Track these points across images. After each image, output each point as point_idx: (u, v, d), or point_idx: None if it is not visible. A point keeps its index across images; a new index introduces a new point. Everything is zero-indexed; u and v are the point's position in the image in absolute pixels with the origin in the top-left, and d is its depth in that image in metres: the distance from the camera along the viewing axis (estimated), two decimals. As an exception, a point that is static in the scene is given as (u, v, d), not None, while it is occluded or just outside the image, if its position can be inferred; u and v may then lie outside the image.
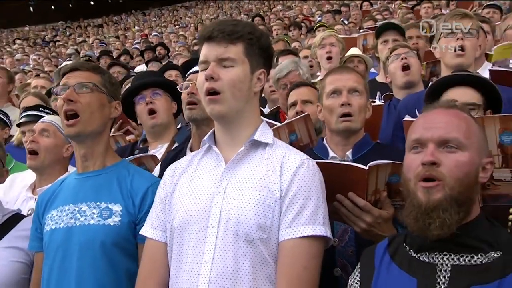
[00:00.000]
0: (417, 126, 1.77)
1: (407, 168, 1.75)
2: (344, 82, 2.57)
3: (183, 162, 2.21)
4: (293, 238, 1.88)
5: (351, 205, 2.14)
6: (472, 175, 1.68)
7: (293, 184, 1.94)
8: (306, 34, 11.74)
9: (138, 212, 2.30)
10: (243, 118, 2.06)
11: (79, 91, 2.34)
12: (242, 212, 1.90)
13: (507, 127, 1.85)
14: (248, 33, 2.01)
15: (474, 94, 2.62)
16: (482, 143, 1.76)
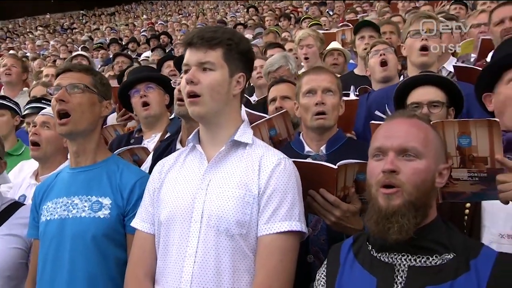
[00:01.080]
0: (379, 134, 1.71)
1: (370, 174, 1.69)
2: (319, 83, 2.51)
3: (170, 159, 2.15)
4: (271, 234, 1.84)
5: (322, 200, 2.08)
6: (429, 182, 1.62)
7: (270, 182, 1.89)
8: (294, 24, 11.58)
9: (126, 204, 2.24)
10: (223, 119, 2.00)
11: (71, 92, 2.26)
12: (223, 209, 1.86)
13: (465, 131, 1.78)
14: (227, 39, 1.95)
15: (438, 92, 2.57)
16: (439, 150, 1.70)
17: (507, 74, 2.09)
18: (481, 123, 1.75)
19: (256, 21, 13.37)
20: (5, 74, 5.34)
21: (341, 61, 5.16)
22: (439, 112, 2.53)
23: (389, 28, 4.98)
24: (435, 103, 2.52)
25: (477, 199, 1.93)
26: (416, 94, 2.59)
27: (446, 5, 8.34)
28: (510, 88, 2.07)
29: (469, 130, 1.77)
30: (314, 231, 2.33)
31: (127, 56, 6.74)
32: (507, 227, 1.93)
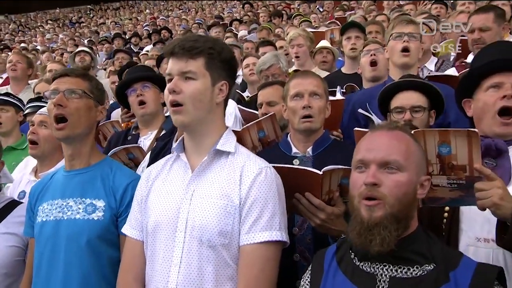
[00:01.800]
0: (361, 147, 1.62)
1: (352, 186, 1.61)
2: (306, 86, 2.42)
3: (157, 166, 2.04)
4: (252, 244, 1.76)
5: (307, 203, 2.00)
6: (411, 194, 1.55)
7: (251, 192, 1.79)
8: (287, 20, 11.43)
9: (119, 206, 2.16)
10: (206, 127, 1.89)
11: (69, 96, 2.17)
12: (205, 220, 1.77)
13: (445, 140, 1.72)
14: (209, 48, 1.84)
15: (420, 97, 2.53)
16: (421, 162, 1.62)
17: (486, 82, 2.01)
18: (461, 133, 1.69)
19: (251, 17, 13.22)
20: (11, 69, 5.26)
21: (330, 58, 5.08)
22: (421, 117, 2.48)
23: (375, 28, 4.90)
24: (417, 108, 2.49)
25: (455, 204, 1.88)
26: (399, 99, 2.54)
27: (428, 4, 8.25)
28: (488, 95, 2.00)
29: (449, 139, 1.71)
30: (300, 231, 2.26)
31: (126, 52, 6.61)
32: (484, 231, 1.87)
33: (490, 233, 1.81)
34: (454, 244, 1.90)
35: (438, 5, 6.75)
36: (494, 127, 1.96)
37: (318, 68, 4.94)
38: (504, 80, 1.96)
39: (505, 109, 1.94)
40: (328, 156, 2.33)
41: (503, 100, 1.94)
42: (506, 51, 2.11)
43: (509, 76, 1.96)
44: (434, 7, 6.74)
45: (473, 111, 2.09)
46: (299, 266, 2.20)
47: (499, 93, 1.96)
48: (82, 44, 13.41)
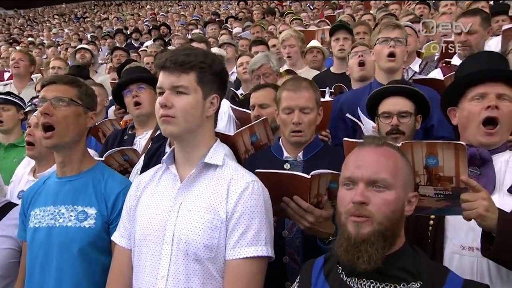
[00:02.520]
0: (349, 163, 1.52)
1: (340, 202, 1.49)
2: (297, 102, 2.28)
3: (147, 176, 1.91)
4: (237, 259, 1.65)
5: (296, 206, 1.90)
6: (399, 211, 1.45)
7: (237, 207, 1.68)
8: (279, 18, 11.23)
9: (111, 213, 2.03)
10: (196, 139, 1.77)
11: (56, 104, 2.03)
12: (192, 234, 1.66)
13: (433, 152, 1.63)
14: (200, 62, 1.71)
15: (407, 103, 2.44)
16: (408, 179, 1.52)
17: (471, 92, 1.92)
18: (448, 146, 1.60)
19: (246, 14, 13.02)
20: (14, 67, 5.11)
21: (319, 58, 4.96)
22: (407, 122, 2.40)
23: (362, 29, 4.80)
24: (404, 113, 2.41)
25: (441, 213, 1.78)
26: (387, 104, 2.45)
27: (412, 4, 8.11)
28: (473, 105, 1.90)
29: (437, 152, 1.62)
30: (290, 234, 2.17)
31: (124, 50, 6.43)
32: (469, 240, 1.78)
33: (475, 242, 1.75)
34: (439, 252, 1.83)
35: (422, 6, 6.62)
36: (478, 136, 1.88)
37: (309, 67, 4.84)
38: (488, 91, 1.87)
39: (489, 119, 1.86)
40: (318, 161, 2.24)
41: (487, 110, 1.86)
42: (491, 61, 2.03)
43: (493, 86, 1.88)
44: (418, 7, 6.61)
45: (458, 120, 2.00)
46: (289, 268, 2.13)
47: (484, 103, 1.87)
48: (86, 39, 13.19)
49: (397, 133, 2.38)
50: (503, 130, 1.87)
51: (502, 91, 1.87)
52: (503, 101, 1.86)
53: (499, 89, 1.87)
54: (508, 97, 1.87)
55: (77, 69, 4.94)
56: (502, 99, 1.86)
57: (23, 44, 13.22)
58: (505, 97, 1.87)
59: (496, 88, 1.87)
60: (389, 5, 8.92)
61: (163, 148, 2.60)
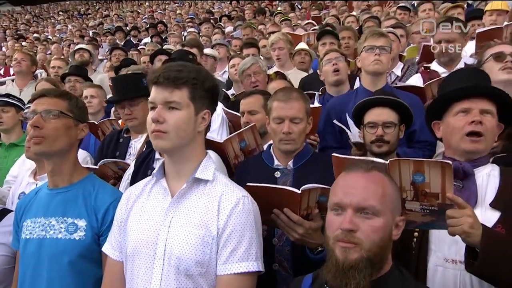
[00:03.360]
0: (338, 188, 1.41)
1: (328, 226, 1.39)
2: (287, 112, 2.17)
3: (137, 188, 1.77)
4: (228, 274, 1.54)
5: (286, 219, 1.81)
6: (386, 237, 1.34)
7: (228, 223, 1.56)
8: (269, 17, 11.03)
9: (101, 225, 1.89)
10: (187, 154, 1.65)
11: (46, 117, 1.90)
12: (183, 250, 1.54)
13: (419, 169, 1.54)
14: (193, 78, 1.60)
15: (391, 113, 2.36)
16: (396, 203, 1.42)
17: (455, 107, 1.82)
18: (435, 164, 1.51)
19: (238, 12, 12.80)
20: (16, 66, 4.98)
21: (307, 59, 4.83)
22: (392, 132, 2.32)
23: (347, 34, 4.67)
24: (389, 124, 2.35)
25: (426, 227, 1.68)
26: (372, 114, 2.38)
27: (393, 6, 7.97)
28: (457, 120, 1.81)
29: (423, 169, 1.52)
30: (280, 242, 2.07)
31: (122, 50, 6.24)
32: (452, 253, 1.69)
33: (458, 255, 1.66)
34: (423, 264, 1.73)
35: (402, 11, 6.49)
36: (462, 144, 1.78)
37: (297, 68, 4.71)
38: (472, 106, 1.78)
39: (473, 133, 1.76)
40: (308, 169, 2.18)
41: (471, 125, 1.76)
42: (473, 77, 1.93)
43: (477, 102, 1.79)
44: (399, 13, 6.48)
45: (442, 133, 1.90)
46: (278, 275, 2.05)
47: (467, 118, 1.78)
48: (88, 35, 12.89)
49: (382, 143, 2.29)
50: (487, 142, 1.78)
51: (485, 107, 1.78)
52: (486, 116, 1.78)
53: (482, 104, 1.78)
54: (491, 112, 1.79)
55: (76, 69, 4.78)
56: (485, 114, 1.78)
57: (29, 40, 12.92)
58: (488, 112, 1.79)
59: (480, 104, 1.78)
60: (371, 7, 8.78)
61: (153, 154, 2.47)
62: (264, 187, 1.80)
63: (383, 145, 2.29)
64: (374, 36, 2.96)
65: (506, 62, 2.56)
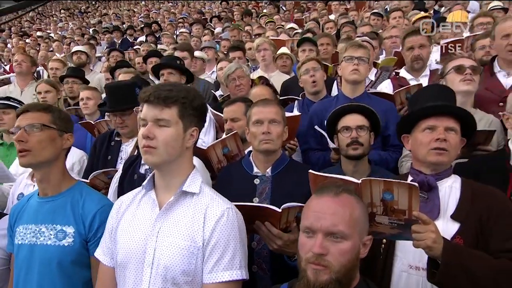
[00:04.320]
0: (309, 212, 1.37)
1: (300, 247, 1.36)
2: (266, 114, 2.15)
3: (128, 198, 1.71)
4: (214, 283, 1.50)
5: (266, 231, 1.78)
6: (354, 258, 1.32)
7: (214, 234, 1.51)
8: (256, 18, 10.86)
9: (88, 232, 1.83)
10: (175, 168, 1.59)
11: (30, 131, 1.83)
12: (170, 260, 1.49)
13: (389, 188, 1.50)
14: (182, 97, 1.55)
15: (363, 119, 2.35)
16: (363, 224, 1.39)
17: (423, 123, 1.80)
18: (403, 185, 1.46)
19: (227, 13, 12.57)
20: (17, 67, 4.81)
21: (288, 63, 4.72)
22: (365, 135, 2.28)
23: (326, 41, 4.58)
24: (361, 127, 2.31)
25: (394, 238, 1.66)
26: (346, 120, 2.35)
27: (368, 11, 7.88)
28: (424, 135, 1.78)
29: (392, 189, 1.48)
30: (259, 245, 2.02)
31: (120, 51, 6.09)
32: (416, 260, 1.67)
33: (421, 262, 1.63)
34: (389, 270, 1.71)
35: (375, 17, 6.41)
36: (428, 157, 1.76)
37: (279, 71, 4.62)
38: (437, 124, 1.76)
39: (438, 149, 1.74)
40: (285, 177, 2.13)
41: (436, 142, 1.74)
42: (441, 95, 1.89)
43: (442, 120, 1.76)
44: (372, 18, 6.40)
45: (410, 146, 1.87)
46: (257, 276, 2.00)
47: (433, 134, 1.76)
48: (88, 33, 12.55)
49: (357, 144, 2.26)
50: (450, 156, 1.77)
51: (450, 125, 1.76)
52: (450, 133, 1.76)
53: (447, 122, 1.76)
54: (454, 129, 1.77)
55: (74, 71, 4.64)
56: (449, 131, 1.76)
57: (32, 38, 12.54)
58: (452, 129, 1.76)
59: (445, 122, 1.76)
60: (349, 11, 8.68)
61: (140, 159, 2.38)
62: (249, 205, 1.76)
63: (358, 147, 2.25)
64: (353, 47, 2.91)
65: (465, 74, 2.54)
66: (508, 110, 2.08)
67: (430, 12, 7.68)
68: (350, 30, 5.72)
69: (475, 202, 1.67)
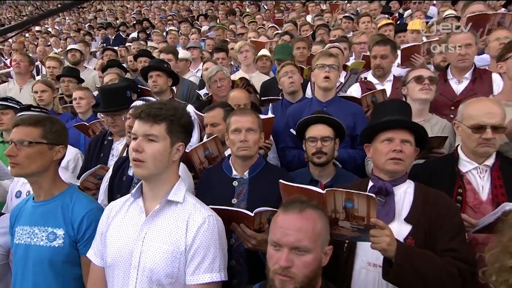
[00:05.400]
0: (277, 228, 1.39)
1: (268, 259, 1.38)
2: (243, 124, 2.12)
3: (118, 204, 1.71)
4: (196, 284, 1.51)
5: (242, 232, 1.80)
6: (316, 267, 1.35)
7: (195, 240, 1.52)
8: (239, 17, 10.65)
9: (77, 234, 1.80)
10: (162, 180, 1.60)
11: (20, 147, 1.78)
12: (155, 263, 1.50)
13: (350, 198, 1.52)
14: (171, 115, 1.56)
15: (328, 129, 2.34)
16: (325, 236, 1.42)
17: (382, 135, 1.82)
18: (362, 196, 1.48)
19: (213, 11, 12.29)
20: (15, 67, 4.63)
21: (268, 64, 4.66)
22: (329, 145, 2.29)
23: (302, 45, 4.51)
24: (326, 138, 2.32)
25: (354, 240, 1.69)
26: (313, 130, 2.35)
27: (341, 13, 7.82)
28: (383, 146, 1.81)
29: (353, 198, 1.50)
30: (236, 242, 2.01)
31: (113, 50, 5.90)
32: (373, 258, 1.70)
33: (378, 260, 1.66)
34: (350, 266, 1.74)
35: (347, 20, 6.36)
36: (386, 166, 1.79)
37: (259, 72, 4.57)
38: (394, 136, 1.78)
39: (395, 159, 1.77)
40: (261, 179, 2.13)
41: (393, 152, 1.77)
42: (399, 110, 1.92)
43: (398, 133, 1.79)
44: (344, 21, 6.35)
45: (371, 154, 1.89)
46: (235, 270, 2.01)
47: (391, 145, 1.79)
48: (83, 28, 12.12)
49: (321, 154, 2.27)
50: (406, 165, 1.79)
51: (405, 137, 1.79)
52: (405, 145, 1.79)
53: (403, 135, 1.79)
54: (409, 141, 1.80)
55: (69, 70, 4.50)
56: (405, 143, 1.79)
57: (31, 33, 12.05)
58: (407, 141, 1.79)
59: (401, 135, 1.78)
60: (324, 12, 8.59)
61: (128, 162, 2.34)
62: (225, 209, 1.76)
63: (322, 157, 2.26)
64: (325, 56, 2.90)
65: (424, 84, 2.57)
66: (457, 118, 2.11)
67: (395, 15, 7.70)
68: (324, 32, 5.68)
69: (425, 206, 1.70)
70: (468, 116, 1.97)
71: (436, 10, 6.77)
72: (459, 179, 1.98)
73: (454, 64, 3.00)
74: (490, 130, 1.90)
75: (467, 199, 1.94)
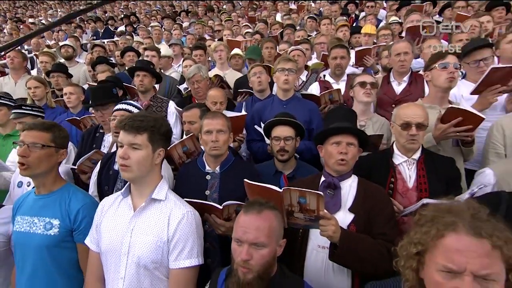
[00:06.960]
0: (238, 227, 1.44)
1: (232, 252, 1.43)
2: (214, 126, 2.11)
3: (110, 199, 1.75)
4: (178, 268, 1.58)
5: (213, 221, 1.87)
6: (272, 258, 1.42)
7: (176, 232, 1.58)
8: (217, 14, 10.29)
9: (73, 224, 1.81)
10: (146, 181, 1.64)
11: (32, 148, 1.79)
12: (142, 252, 1.56)
13: (303, 195, 1.57)
14: (151, 126, 1.59)
15: (290, 129, 2.37)
16: (279, 232, 1.48)
17: (331, 139, 1.86)
18: (313, 194, 1.54)
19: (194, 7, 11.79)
20: (10, 62, 4.40)
21: (240, 62, 4.60)
22: (291, 144, 2.33)
23: (270, 45, 4.44)
24: (288, 138, 2.35)
25: (307, 227, 1.73)
26: (278, 131, 2.38)
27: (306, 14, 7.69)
28: (332, 148, 1.85)
29: (306, 195, 1.56)
30: (210, 228, 2.03)
31: (102, 47, 5.60)
32: (322, 241, 1.75)
33: (326, 243, 1.72)
34: (304, 248, 1.80)
35: (311, 20, 6.28)
36: (335, 166, 1.84)
37: (232, 69, 4.48)
38: (341, 140, 1.84)
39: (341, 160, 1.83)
40: (231, 173, 2.12)
41: (340, 154, 1.83)
42: (347, 116, 1.97)
43: (345, 137, 1.84)
44: (309, 21, 6.27)
45: (323, 154, 1.94)
46: (209, 251, 2.03)
47: (338, 148, 1.84)
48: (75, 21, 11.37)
49: (284, 152, 2.31)
50: (350, 164, 1.85)
51: (350, 141, 1.84)
52: (350, 147, 1.84)
53: (348, 139, 1.84)
54: (354, 144, 1.85)
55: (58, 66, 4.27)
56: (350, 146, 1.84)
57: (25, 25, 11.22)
58: (352, 144, 1.84)
59: (347, 139, 1.84)
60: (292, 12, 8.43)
61: (114, 157, 2.32)
62: (200, 203, 1.81)
63: (284, 154, 2.30)
64: (285, 61, 2.90)
65: (366, 89, 2.64)
66: (392, 119, 2.18)
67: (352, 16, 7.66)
68: (290, 32, 5.61)
69: (366, 198, 1.78)
70: (398, 117, 2.10)
71: (385, 13, 6.78)
72: (392, 170, 2.08)
73: (395, 68, 3.07)
74: (415, 128, 2.02)
75: (397, 186, 2.05)
